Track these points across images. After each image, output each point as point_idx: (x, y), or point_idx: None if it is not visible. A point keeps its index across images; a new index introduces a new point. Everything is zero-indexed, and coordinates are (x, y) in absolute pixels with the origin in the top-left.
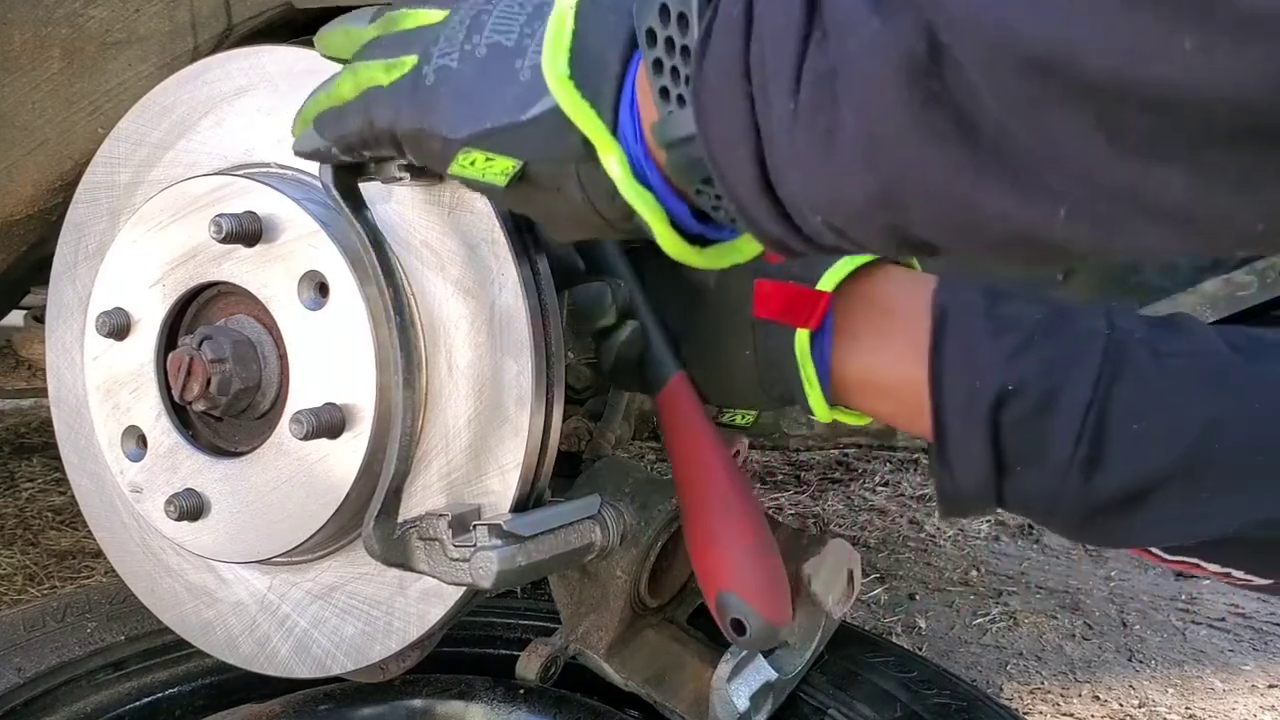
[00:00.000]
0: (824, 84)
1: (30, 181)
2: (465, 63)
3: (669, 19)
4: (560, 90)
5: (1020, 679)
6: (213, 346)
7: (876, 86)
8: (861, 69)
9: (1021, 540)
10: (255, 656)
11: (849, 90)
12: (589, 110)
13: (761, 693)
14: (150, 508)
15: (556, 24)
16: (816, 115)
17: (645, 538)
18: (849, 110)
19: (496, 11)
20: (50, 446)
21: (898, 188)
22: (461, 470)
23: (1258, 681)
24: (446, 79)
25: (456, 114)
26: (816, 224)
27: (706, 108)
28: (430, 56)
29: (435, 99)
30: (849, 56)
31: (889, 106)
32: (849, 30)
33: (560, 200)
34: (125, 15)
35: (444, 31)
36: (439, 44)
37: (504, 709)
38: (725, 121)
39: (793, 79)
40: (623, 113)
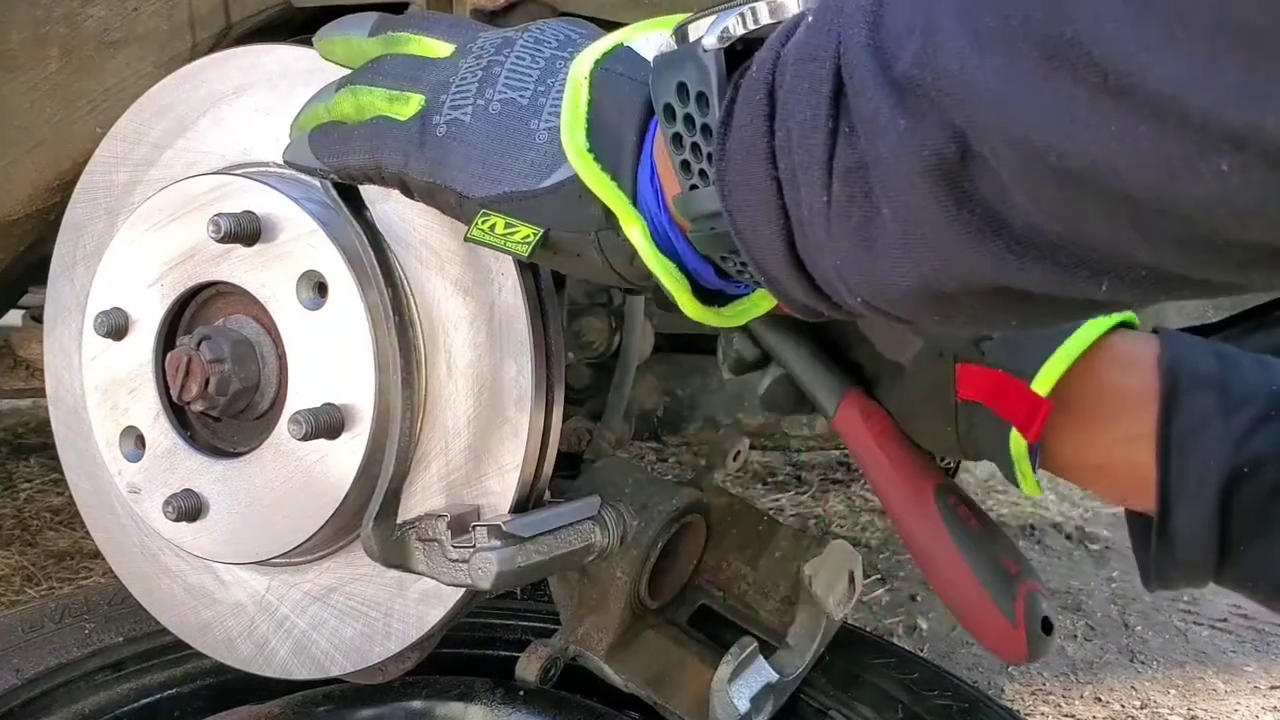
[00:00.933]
0: (855, 178)
1: (28, 181)
2: (479, 118)
3: (688, 97)
4: (581, 164)
5: (1021, 680)
6: (211, 346)
7: (909, 187)
8: (893, 168)
9: (1023, 541)
10: (254, 658)
11: (883, 187)
12: (610, 183)
13: (762, 694)
14: (148, 508)
15: (573, 94)
16: (850, 207)
17: (645, 539)
18: (885, 205)
19: (509, 64)
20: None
21: (941, 278)
22: (461, 471)
23: (1260, 682)
24: (459, 134)
25: (472, 173)
26: (854, 303)
27: (731, 188)
28: (440, 105)
29: (448, 154)
30: (879, 156)
31: (924, 205)
32: (876, 130)
33: (580, 263)
34: (124, 14)
35: (452, 76)
36: (450, 92)
37: (504, 710)
38: (752, 202)
39: (824, 171)
40: (642, 181)
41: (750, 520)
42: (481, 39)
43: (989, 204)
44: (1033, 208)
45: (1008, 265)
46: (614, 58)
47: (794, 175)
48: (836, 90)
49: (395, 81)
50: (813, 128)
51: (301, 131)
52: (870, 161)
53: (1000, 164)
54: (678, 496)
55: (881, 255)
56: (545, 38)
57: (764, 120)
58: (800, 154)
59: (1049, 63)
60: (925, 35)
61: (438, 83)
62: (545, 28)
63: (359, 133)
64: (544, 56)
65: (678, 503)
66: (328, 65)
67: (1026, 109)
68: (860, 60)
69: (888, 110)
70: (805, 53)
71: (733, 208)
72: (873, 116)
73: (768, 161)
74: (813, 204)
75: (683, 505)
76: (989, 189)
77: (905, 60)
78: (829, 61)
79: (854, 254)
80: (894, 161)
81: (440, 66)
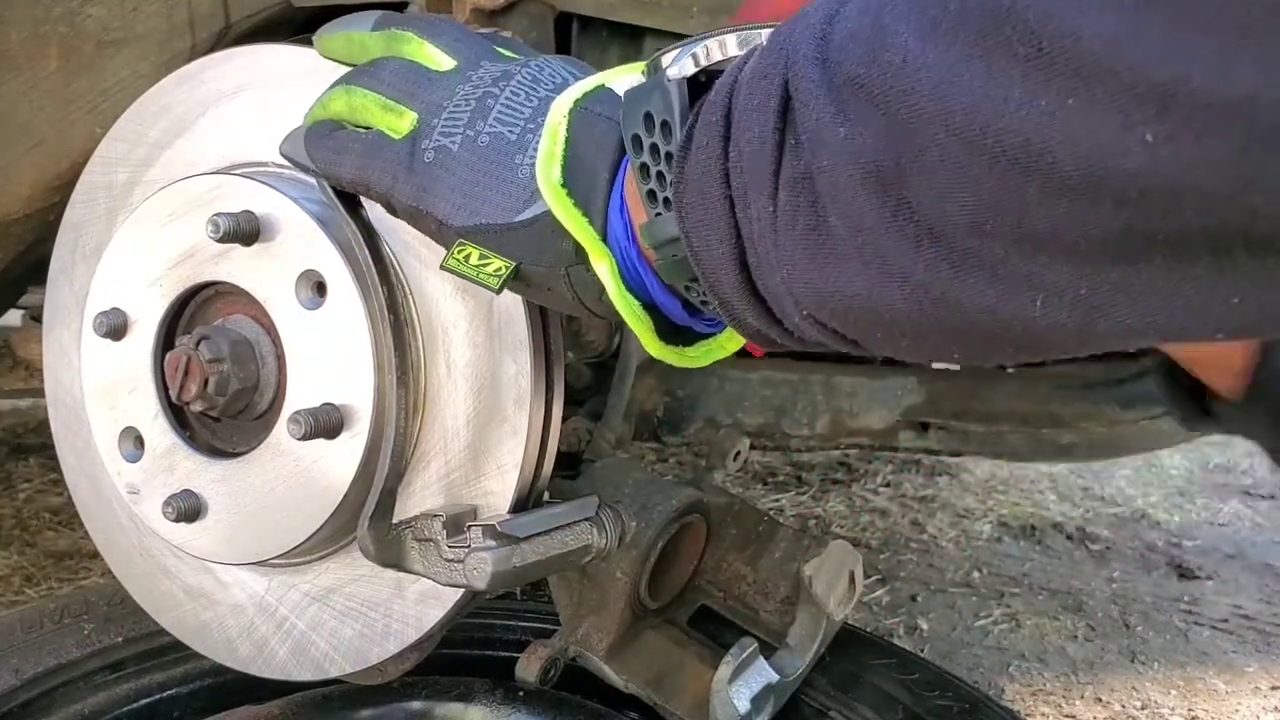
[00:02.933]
0: (801, 188)
1: (28, 181)
2: (466, 148)
3: (653, 126)
4: (554, 199)
5: (1022, 680)
6: (210, 346)
7: (850, 195)
8: (835, 177)
9: (1024, 541)
10: (253, 659)
11: (828, 196)
12: (582, 218)
13: (763, 695)
14: (148, 509)
15: (551, 131)
16: (796, 216)
17: (645, 539)
18: (831, 214)
19: (504, 97)
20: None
21: (882, 285)
22: (460, 470)
23: (1260, 683)
24: (445, 162)
25: (453, 202)
26: (801, 320)
27: (688, 210)
28: (431, 129)
29: (433, 181)
30: (822, 166)
31: (865, 213)
32: (819, 140)
33: (550, 296)
34: (123, 14)
35: (448, 100)
36: (442, 117)
37: (503, 711)
38: (706, 223)
39: (771, 182)
40: (612, 216)
41: (750, 520)
42: (483, 67)
43: (927, 211)
44: (973, 203)
45: (942, 275)
46: (594, 98)
47: (745, 192)
48: (784, 104)
49: (392, 90)
50: (761, 142)
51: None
52: (815, 171)
53: (943, 157)
54: (678, 497)
55: (827, 264)
56: (543, 77)
57: (719, 141)
58: (750, 168)
59: (985, 41)
60: (871, 37)
61: (433, 103)
62: (545, 66)
63: (353, 146)
64: (538, 96)
65: (678, 503)
66: (327, 64)
67: (964, 91)
68: (806, 73)
69: (829, 119)
70: (758, 72)
71: (689, 229)
72: (816, 127)
73: (721, 181)
74: (761, 216)
75: (683, 505)
76: (928, 194)
77: (850, 64)
78: (778, 77)
79: (801, 263)
80: (835, 170)
81: (438, 83)
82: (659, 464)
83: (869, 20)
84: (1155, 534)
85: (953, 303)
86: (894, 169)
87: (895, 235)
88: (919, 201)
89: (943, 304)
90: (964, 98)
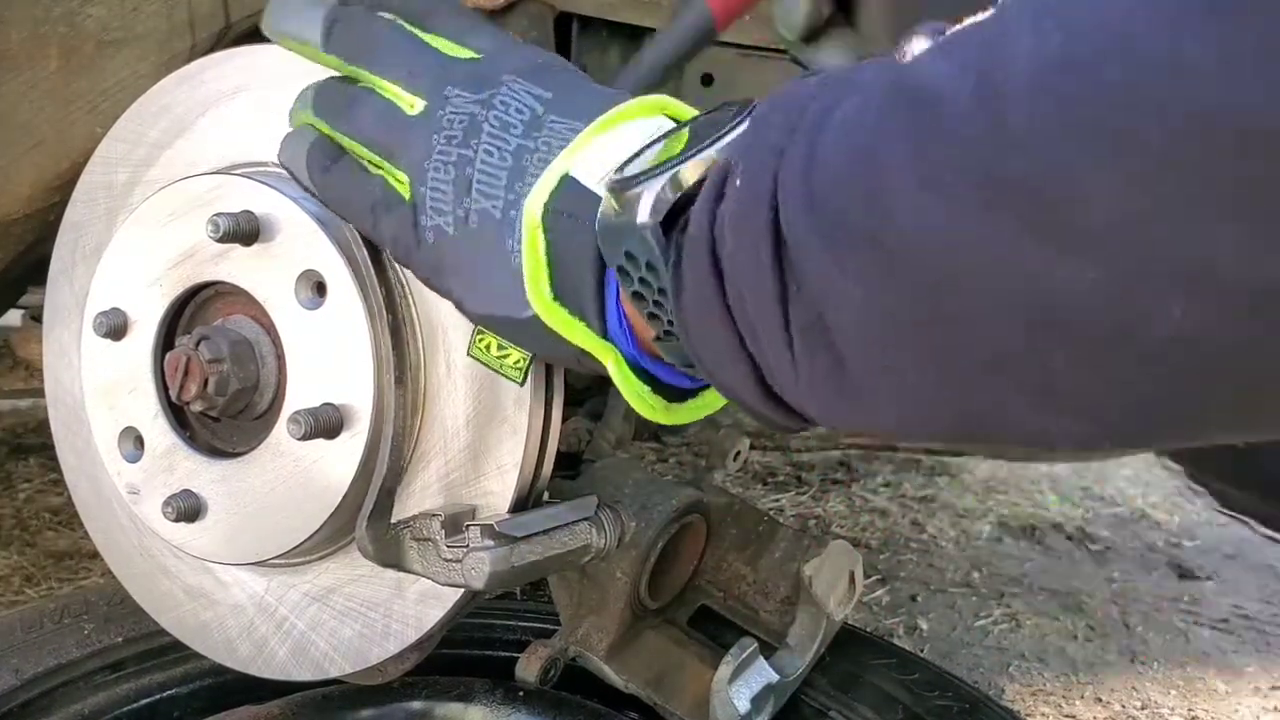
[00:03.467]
0: (814, 334)
1: (28, 181)
2: (459, 231)
3: (638, 264)
4: (550, 316)
5: (1022, 680)
6: (210, 346)
7: (868, 348)
8: (848, 333)
9: (1024, 541)
10: (253, 659)
11: (845, 344)
12: (580, 326)
13: (763, 695)
14: (147, 509)
15: (530, 242)
16: (814, 359)
17: (645, 539)
18: (849, 360)
19: (479, 160)
20: (48, 447)
21: (913, 416)
22: (460, 471)
23: (1260, 683)
24: (446, 245)
25: (464, 285)
26: (830, 428)
27: (695, 341)
28: (424, 200)
29: (439, 261)
30: (838, 322)
31: (885, 361)
32: (825, 295)
33: (569, 371)
34: (123, 14)
35: (427, 156)
36: (429, 185)
37: (503, 711)
38: (718, 353)
39: (782, 330)
40: (610, 319)
41: (750, 520)
42: (450, 104)
43: (948, 358)
44: (992, 354)
45: (972, 410)
46: (561, 196)
47: (754, 331)
48: (777, 247)
49: (376, 146)
50: (761, 289)
51: (294, 127)
52: (827, 321)
53: (961, 313)
54: (678, 497)
55: (855, 401)
56: (510, 118)
57: (712, 281)
58: (755, 314)
59: (989, 204)
60: (866, 188)
61: (416, 163)
62: (509, 99)
63: (358, 196)
64: (510, 150)
65: (678, 503)
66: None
67: (978, 253)
68: (798, 219)
69: (835, 275)
70: (741, 212)
71: (701, 357)
72: (820, 282)
73: (725, 318)
74: (778, 356)
75: (683, 505)
76: (947, 344)
77: (848, 216)
78: (764, 216)
79: (827, 398)
80: (848, 326)
81: (415, 133)
82: (659, 464)
83: (860, 167)
84: (1155, 534)
85: (982, 431)
86: (910, 325)
87: (918, 378)
88: (940, 349)
89: (975, 429)
90: (979, 260)
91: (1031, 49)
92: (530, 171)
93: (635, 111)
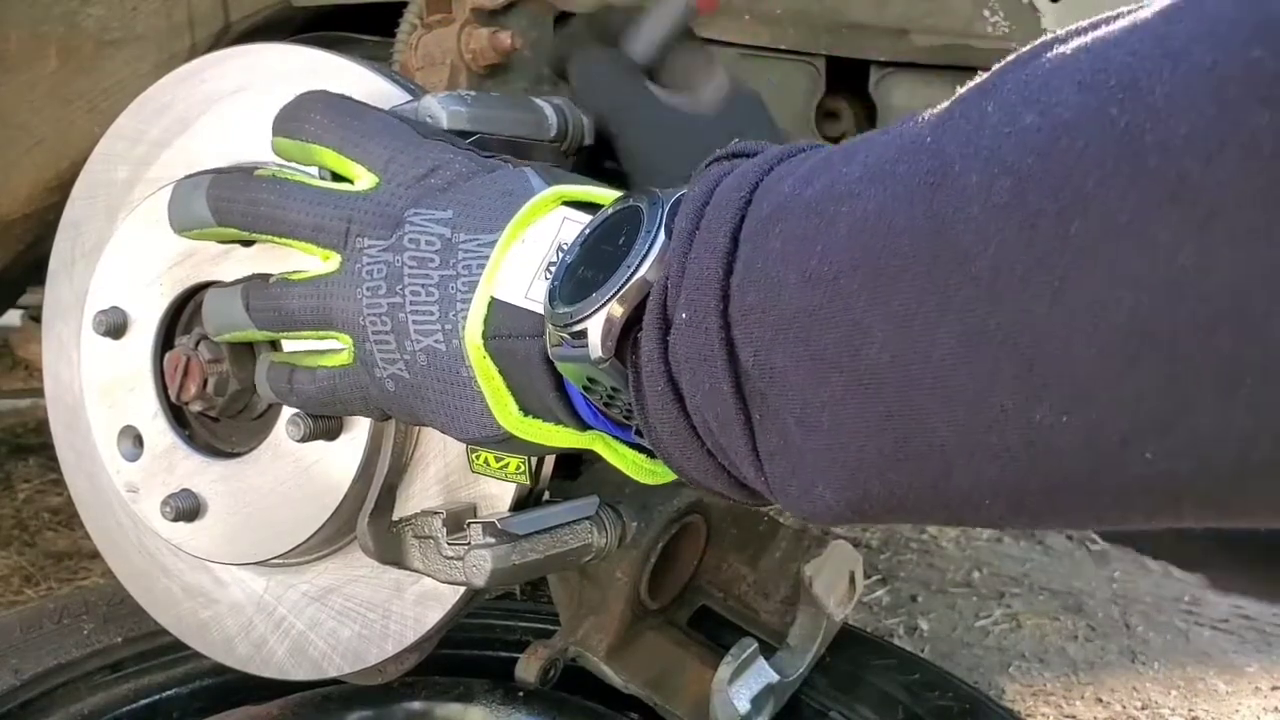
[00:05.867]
0: (783, 458)
1: (27, 181)
2: (415, 373)
3: (602, 386)
4: (526, 431)
5: (1023, 681)
6: (209, 346)
7: (847, 484)
8: (826, 474)
9: (1024, 541)
10: (252, 658)
11: (816, 470)
12: (558, 431)
13: (763, 695)
14: (147, 508)
15: (484, 375)
16: (790, 482)
17: (646, 539)
18: (820, 484)
19: (409, 303)
20: (47, 447)
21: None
22: (460, 472)
23: (1261, 683)
24: (408, 389)
25: (442, 419)
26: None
27: (669, 456)
28: (371, 355)
29: (410, 403)
30: (805, 460)
31: (865, 490)
32: (791, 435)
33: None
34: (123, 14)
35: (359, 312)
36: (371, 340)
37: (503, 711)
38: (694, 466)
39: (752, 456)
40: (584, 414)
41: (750, 520)
42: (363, 259)
43: (925, 492)
44: (971, 485)
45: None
46: (493, 321)
47: (725, 453)
48: (737, 382)
49: (313, 324)
50: (727, 421)
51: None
52: (800, 453)
53: (945, 444)
54: (678, 497)
55: (838, 509)
56: (423, 253)
57: (675, 406)
58: (725, 441)
59: (968, 348)
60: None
61: (353, 321)
62: (417, 235)
63: (309, 381)
64: (434, 283)
65: (678, 503)
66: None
67: (960, 394)
68: (765, 345)
69: (797, 414)
70: (694, 350)
71: (677, 468)
72: (785, 423)
73: (695, 439)
74: (754, 477)
75: (683, 505)
76: (922, 478)
77: (813, 343)
78: (720, 352)
79: (810, 510)
80: (823, 468)
81: (341, 292)
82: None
83: (822, 292)
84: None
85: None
86: (890, 462)
87: (897, 506)
88: (912, 484)
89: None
90: (961, 400)
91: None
92: (458, 298)
93: (535, 213)
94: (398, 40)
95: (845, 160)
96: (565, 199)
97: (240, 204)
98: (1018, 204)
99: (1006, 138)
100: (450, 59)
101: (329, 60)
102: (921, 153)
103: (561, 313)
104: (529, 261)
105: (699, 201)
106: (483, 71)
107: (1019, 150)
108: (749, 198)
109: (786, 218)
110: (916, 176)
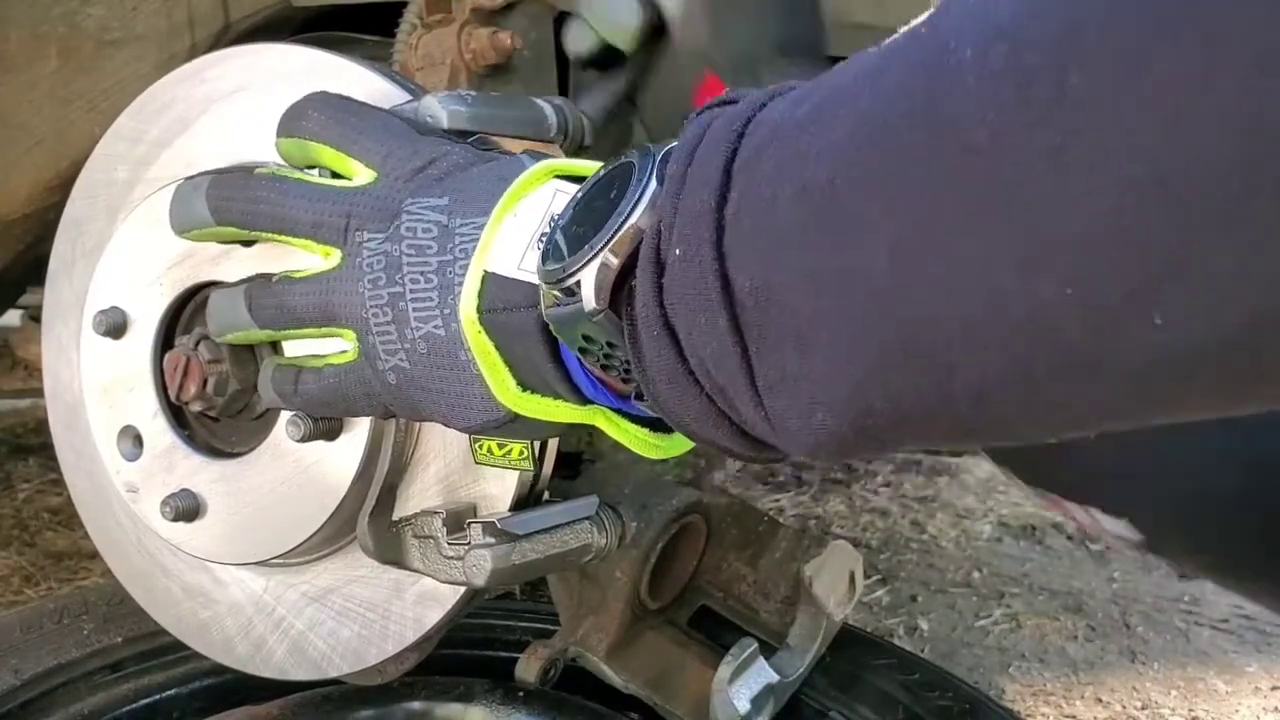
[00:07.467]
0: (784, 389)
1: (27, 181)
2: (415, 362)
3: (598, 343)
4: (525, 407)
5: (1023, 681)
6: (209, 346)
7: (848, 405)
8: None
9: (1024, 541)
10: (251, 658)
11: (821, 393)
12: (558, 405)
13: (763, 695)
14: (146, 508)
15: (479, 350)
16: (789, 414)
17: (646, 539)
18: (824, 404)
19: (408, 292)
20: (47, 447)
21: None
22: (460, 473)
23: (1261, 683)
24: (410, 380)
25: (443, 409)
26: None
27: (670, 408)
28: (374, 349)
29: (412, 396)
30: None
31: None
32: (789, 365)
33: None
34: (123, 14)
35: (361, 305)
36: (374, 332)
37: (503, 711)
38: (694, 416)
39: (750, 390)
40: (584, 387)
41: (750, 520)
42: (364, 253)
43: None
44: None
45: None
46: (487, 295)
47: (724, 393)
48: (733, 313)
49: (318, 320)
50: (724, 356)
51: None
52: (793, 375)
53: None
54: (678, 497)
55: (837, 446)
56: (421, 240)
57: (672, 350)
58: (722, 380)
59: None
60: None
61: (355, 315)
62: (415, 223)
63: (314, 380)
64: (433, 269)
65: (678, 503)
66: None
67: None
68: (758, 277)
69: (796, 345)
70: (689, 286)
71: (677, 420)
72: (784, 355)
73: (693, 385)
74: (753, 417)
75: (683, 505)
76: (925, 387)
77: (819, 257)
78: (715, 285)
79: (813, 442)
80: (825, 378)
81: (343, 287)
82: (659, 464)
83: (818, 199)
84: None
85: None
86: (893, 367)
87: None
88: (917, 386)
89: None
90: (964, 284)
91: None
92: (456, 281)
93: (526, 187)
94: (398, 40)
95: (839, 71)
96: (558, 172)
97: (240, 202)
98: (1014, 66)
99: (1001, 6)
100: (450, 59)
101: (329, 60)
102: (915, 43)
103: (553, 269)
104: (521, 233)
105: (690, 145)
106: (483, 71)
107: (1014, 15)
108: (741, 131)
109: (778, 139)
110: (912, 65)
